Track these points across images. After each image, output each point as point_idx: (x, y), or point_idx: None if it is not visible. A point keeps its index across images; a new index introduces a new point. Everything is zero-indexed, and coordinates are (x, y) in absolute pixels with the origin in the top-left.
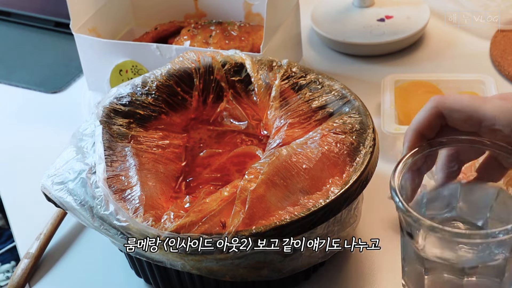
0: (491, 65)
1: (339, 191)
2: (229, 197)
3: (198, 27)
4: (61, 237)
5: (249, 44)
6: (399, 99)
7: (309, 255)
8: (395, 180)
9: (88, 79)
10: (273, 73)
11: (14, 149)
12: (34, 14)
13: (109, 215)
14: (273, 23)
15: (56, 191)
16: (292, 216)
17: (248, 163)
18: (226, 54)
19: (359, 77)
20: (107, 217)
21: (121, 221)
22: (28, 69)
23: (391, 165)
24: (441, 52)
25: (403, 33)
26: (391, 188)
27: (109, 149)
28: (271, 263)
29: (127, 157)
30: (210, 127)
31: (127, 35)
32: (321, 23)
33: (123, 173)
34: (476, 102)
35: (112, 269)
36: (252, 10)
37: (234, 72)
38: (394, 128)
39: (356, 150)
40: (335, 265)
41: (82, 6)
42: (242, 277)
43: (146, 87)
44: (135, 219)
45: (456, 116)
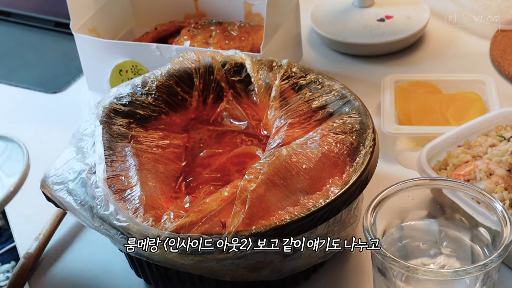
0: (491, 65)
1: (339, 191)
2: (229, 197)
3: (198, 27)
4: (61, 237)
5: (249, 44)
6: (399, 99)
7: (309, 255)
8: (368, 218)
9: (88, 79)
10: (273, 73)
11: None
12: (34, 14)
13: (109, 215)
14: (273, 23)
15: (56, 191)
16: (292, 216)
17: (248, 163)
18: (226, 54)
19: (359, 77)
20: (107, 217)
21: (121, 221)
22: (28, 69)
23: (391, 165)
24: (441, 52)
25: (403, 33)
26: (363, 228)
27: (109, 149)
28: (271, 263)
29: (127, 157)
30: (210, 127)
31: (127, 35)
32: (321, 23)
33: (123, 173)
34: None
35: (112, 269)
36: (252, 10)
37: (234, 72)
38: (394, 128)
39: (356, 150)
40: (335, 265)
41: (82, 6)
42: (242, 277)
43: (146, 87)
44: (135, 219)
45: None
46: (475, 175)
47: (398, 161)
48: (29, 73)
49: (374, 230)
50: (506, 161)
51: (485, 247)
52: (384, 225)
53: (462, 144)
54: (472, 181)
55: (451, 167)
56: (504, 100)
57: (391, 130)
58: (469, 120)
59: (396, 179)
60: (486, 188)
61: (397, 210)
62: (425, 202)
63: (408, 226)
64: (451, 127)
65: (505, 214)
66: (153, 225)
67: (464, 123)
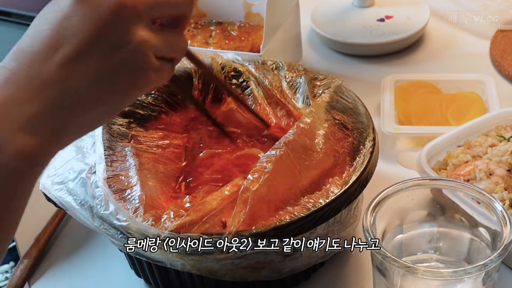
0: (491, 65)
1: (339, 191)
2: (230, 196)
3: (198, 27)
4: (60, 237)
5: (249, 44)
6: (399, 99)
7: (309, 255)
8: (368, 218)
9: None
10: (273, 75)
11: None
12: (34, 14)
13: (109, 215)
14: (273, 23)
15: (56, 191)
16: (292, 216)
17: (251, 165)
18: (226, 58)
19: (359, 77)
20: (107, 217)
21: (121, 220)
22: None
23: (391, 165)
24: (441, 52)
25: (403, 33)
26: (363, 228)
27: (109, 149)
28: (271, 263)
29: (127, 157)
30: (210, 127)
31: None
32: (321, 23)
33: (123, 173)
34: None
35: (112, 269)
36: (252, 10)
37: (232, 77)
38: (394, 128)
39: (356, 150)
40: (335, 265)
41: None
42: (242, 277)
43: None
44: (135, 219)
45: None
46: (475, 175)
47: (398, 161)
48: None
49: (374, 230)
50: (506, 161)
51: (485, 247)
52: (384, 225)
53: (462, 144)
54: (472, 181)
55: (451, 167)
56: (504, 100)
57: (391, 130)
58: (469, 120)
59: (396, 179)
60: (486, 188)
61: (397, 210)
62: (425, 202)
63: (408, 226)
64: (451, 127)
65: (505, 214)
66: (153, 224)
67: (464, 123)
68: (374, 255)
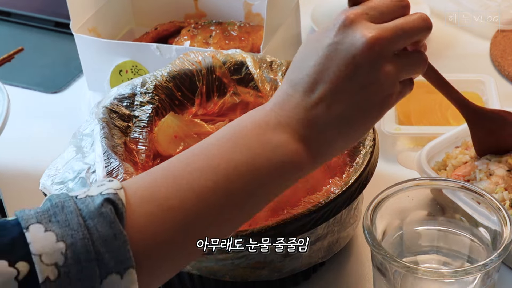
0: (491, 65)
1: (339, 191)
2: None
3: (198, 27)
4: None
5: (249, 44)
6: None
7: (309, 255)
8: (368, 218)
9: (88, 79)
10: (273, 72)
11: (14, 149)
12: (34, 14)
13: None
14: (273, 23)
15: (56, 191)
16: (292, 216)
17: None
18: (226, 53)
19: None
20: None
21: None
22: (28, 69)
23: (391, 165)
24: (441, 52)
25: None
26: (363, 228)
27: (108, 148)
28: (271, 263)
29: (126, 157)
30: (213, 125)
31: (127, 35)
32: (321, 23)
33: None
34: None
35: None
36: (252, 10)
37: (234, 70)
38: (394, 128)
39: (356, 150)
40: (335, 265)
41: (82, 6)
42: (242, 277)
43: (146, 87)
44: None
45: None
46: (475, 175)
47: (398, 161)
48: (29, 73)
49: (374, 230)
50: (506, 161)
51: (485, 247)
52: (384, 225)
53: (460, 145)
54: (472, 181)
55: (451, 167)
56: (504, 100)
57: (391, 130)
58: None
59: (396, 179)
60: (486, 188)
61: (397, 210)
62: (425, 202)
63: (408, 226)
64: (451, 127)
65: (505, 214)
66: None
67: (464, 123)
68: (374, 255)
